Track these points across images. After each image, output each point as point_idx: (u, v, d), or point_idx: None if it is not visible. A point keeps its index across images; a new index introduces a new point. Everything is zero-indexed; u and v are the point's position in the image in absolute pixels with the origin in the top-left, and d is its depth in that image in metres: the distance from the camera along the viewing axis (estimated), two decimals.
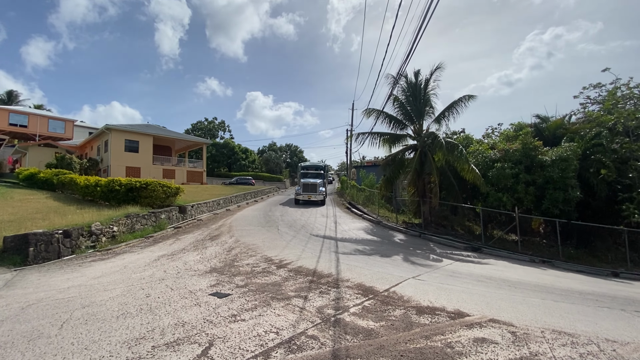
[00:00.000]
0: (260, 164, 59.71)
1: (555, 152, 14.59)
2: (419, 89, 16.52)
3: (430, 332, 3.76)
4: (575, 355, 3.33)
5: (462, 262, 9.57)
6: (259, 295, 5.01)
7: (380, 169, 21.09)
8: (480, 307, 4.82)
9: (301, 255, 8.17)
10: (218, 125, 65.60)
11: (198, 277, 6.16)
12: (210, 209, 17.91)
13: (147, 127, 32.96)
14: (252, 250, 8.66)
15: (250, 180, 40.90)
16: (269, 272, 6.46)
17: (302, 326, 3.85)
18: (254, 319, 4.05)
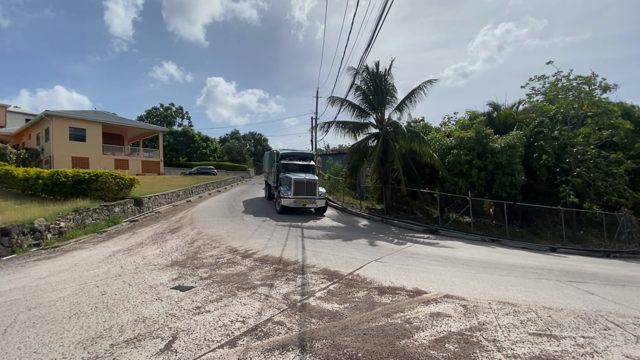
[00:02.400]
0: (223, 153, 57.82)
1: (504, 139, 15.74)
2: (380, 79, 16.83)
3: (391, 311, 3.97)
4: (516, 322, 3.72)
5: (421, 244, 10.14)
6: (224, 286, 4.95)
7: (345, 157, 21.46)
8: (436, 284, 5.18)
9: (267, 244, 8.14)
10: (175, 112, 62.09)
11: (158, 272, 5.93)
12: (170, 201, 17.12)
13: (95, 114, 30.35)
14: (216, 241, 8.47)
15: (212, 169, 39.50)
16: (234, 263, 6.38)
17: (268, 313, 3.88)
18: (219, 310, 4.01)
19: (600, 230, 15.06)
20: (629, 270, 8.89)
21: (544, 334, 3.41)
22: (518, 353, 2.97)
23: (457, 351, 2.97)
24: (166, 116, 60.01)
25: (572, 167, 15.78)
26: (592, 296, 5.05)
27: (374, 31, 7.80)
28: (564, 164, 16.32)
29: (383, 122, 17.01)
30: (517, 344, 3.15)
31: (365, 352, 2.96)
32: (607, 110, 16.05)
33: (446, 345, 3.09)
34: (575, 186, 15.08)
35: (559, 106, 16.82)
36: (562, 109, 16.70)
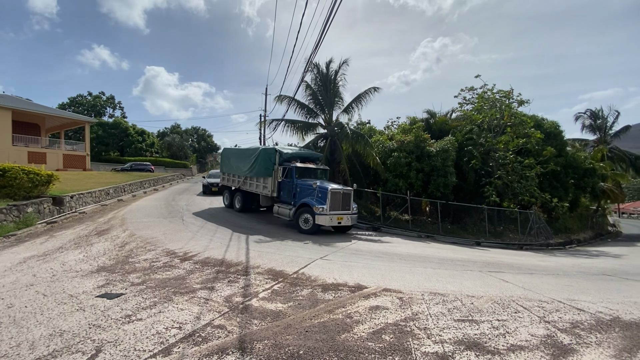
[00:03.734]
0: (162, 148, 53.76)
1: (439, 144, 17.14)
2: (329, 80, 17.18)
3: (333, 307, 4.08)
4: (445, 311, 4.08)
5: (364, 241, 10.57)
6: (160, 292, 4.62)
7: None
8: (377, 279, 5.45)
9: (209, 245, 7.79)
10: (106, 101, 55.98)
11: (81, 279, 5.31)
12: (97, 200, 15.43)
13: (2, 99, 26.01)
14: (151, 244, 7.85)
15: (149, 166, 36.46)
16: (172, 266, 5.98)
17: (207, 317, 3.72)
18: (152, 317, 3.73)
19: (515, 226, 17.22)
20: (537, 260, 10.31)
21: (466, 320, 3.80)
22: (445, 338, 3.26)
23: (392, 341, 3.16)
24: (95, 106, 53.87)
25: (495, 170, 17.79)
26: (506, 284, 5.76)
27: (321, 32, 7.92)
28: (488, 167, 18.32)
29: (331, 123, 17.37)
30: (444, 330, 3.46)
31: (306, 349, 2.99)
32: (523, 121, 18.41)
33: (383, 336, 3.27)
34: (496, 187, 17.02)
35: (484, 116, 18.82)
36: (487, 119, 18.73)
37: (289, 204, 11.96)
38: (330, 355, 2.89)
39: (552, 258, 11.46)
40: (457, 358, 2.87)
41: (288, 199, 12.04)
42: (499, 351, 3.04)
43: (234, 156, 15.15)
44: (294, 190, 11.89)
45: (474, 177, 18.21)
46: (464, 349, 3.06)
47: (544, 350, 3.11)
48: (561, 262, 10.37)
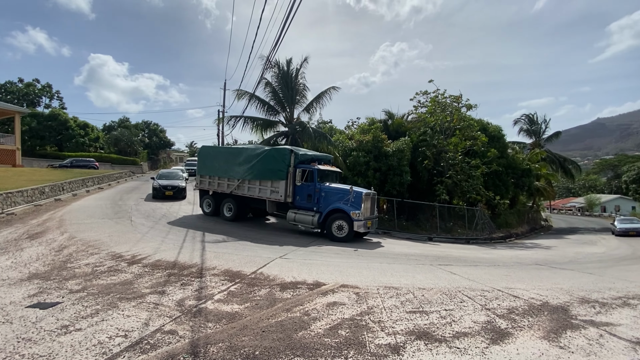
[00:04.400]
0: (108, 143, 49.59)
1: (395, 144, 17.87)
2: (290, 77, 17.09)
3: (291, 305, 4.07)
4: (398, 304, 4.27)
5: (325, 240, 10.69)
6: (103, 298, 4.27)
7: None
8: (335, 276, 5.54)
9: (160, 247, 7.36)
10: (41, 90, 50.28)
11: (8, 288, 4.73)
12: (30, 200, 13.86)
13: None
14: (94, 247, 7.23)
15: (92, 162, 33.43)
16: (118, 271, 5.56)
17: (157, 323, 3.51)
18: (93, 326, 3.43)
19: (463, 221, 18.53)
20: (481, 253, 11.19)
21: (417, 311, 4.01)
22: (397, 330, 3.42)
23: (348, 335, 3.24)
24: (27, 94, 48.16)
25: (445, 170, 18.97)
26: (454, 276, 6.18)
27: (281, 29, 7.84)
28: (440, 167, 19.49)
29: (292, 121, 17.31)
30: (397, 322, 3.62)
31: (262, 349, 2.95)
32: (470, 125, 19.84)
33: (339, 331, 3.34)
34: (447, 186, 18.17)
35: (436, 118, 19.98)
36: (439, 121, 19.90)
37: (309, 210, 11.05)
38: (286, 354, 2.88)
39: (494, 251, 12.51)
40: (407, 348, 3.02)
41: (307, 205, 11.10)
42: (445, 339, 3.25)
43: (222, 156, 13.06)
44: (317, 194, 10.98)
45: (427, 176, 19.26)
46: (414, 338, 3.22)
47: (484, 335, 3.38)
48: (501, 254, 11.36)
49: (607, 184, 68.55)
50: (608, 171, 70.83)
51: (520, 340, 3.31)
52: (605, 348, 3.23)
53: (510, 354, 3.01)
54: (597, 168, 78.65)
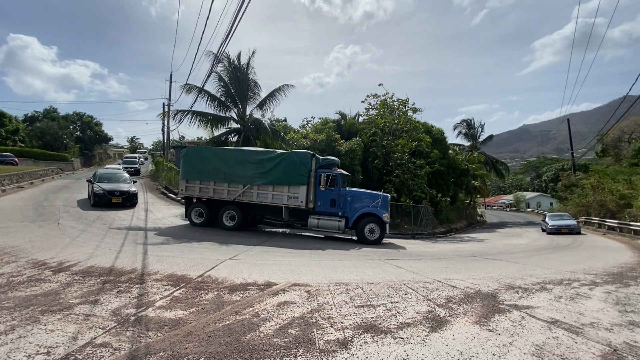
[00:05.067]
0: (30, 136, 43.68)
1: (348, 144, 18.33)
2: (242, 73, 16.61)
3: (240, 307, 3.96)
4: (347, 299, 4.38)
5: (279, 239, 10.59)
6: (21, 312, 3.75)
7: None
8: (286, 275, 5.52)
9: (94, 252, 6.69)
10: None
11: None
12: None
13: None
14: (11, 254, 6.33)
15: (10, 157, 29.13)
16: (40, 280, 4.93)
17: (87, 336, 3.18)
18: (8, 345, 2.99)
19: (410, 218, 19.63)
20: (425, 247, 11.95)
21: (365, 305, 4.16)
22: (346, 325, 3.50)
23: (297, 334, 3.24)
24: None
25: (394, 169, 19.94)
26: (400, 269, 6.52)
27: (233, 22, 7.57)
28: (389, 166, 20.43)
29: (245, 118, 16.85)
30: (346, 317, 3.71)
31: (208, 355, 2.83)
32: (416, 127, 21.10)
33: (289, 330, 3.32)
34: (395, 184, 19.11)
35: (385, 120, 20.92)
36: (388, 123, 20.86)
37: (333, 215, 10.98)
38: (234, 358, 2.79)
39: (436, 244, 13.46)
40: (355, 342, 3.11)
41: (331, 210, 11.03)
42: (390, 330, 3.41)
43: (219, 158, 11.65)
44: (342, 199, 11.04)
45: (377, 175, 20.07)
46: (362, 332, 3.33)
47: (425, 324, 3.62)
48: (443, 247, 12.26)
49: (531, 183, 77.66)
50: (531, 171, 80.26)
51: (456, 327, 3.60)
52: (526, 328, 3.65)
53: (447, 340, 3.26)
54: (523, 169, 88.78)
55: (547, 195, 55.07)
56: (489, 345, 3.16)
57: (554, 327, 3.69)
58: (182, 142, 45.17)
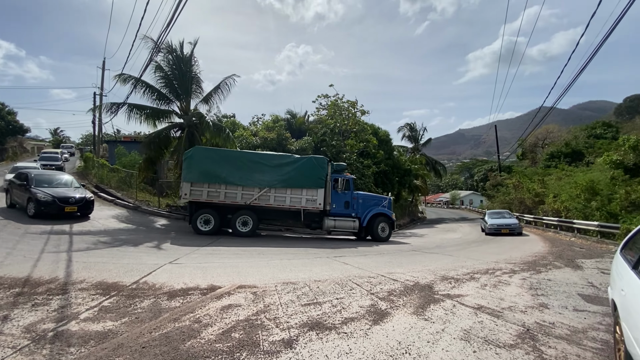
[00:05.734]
0: None
1: (298, 143, 18.35)
2: (186, 64, 15.62)
3: (180, 314, 3.74)
4: (294, 298, 4.38)
5: (227, 238, 10.21)
6: None
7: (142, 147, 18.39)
8: (232, 277, 5.34)
9: (3, 262, 5.79)
10: None
11: None
12: None
13: None
14: None
15: None
16: None
17: None
18: None
19: None
20: (371, 244, 12.46)
21: (312, 303, 4.20)
22: (292, 324, 3.50)
23: (241, 337, 3.15)
24: None
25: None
26: (347, 266, 6.71)
27: (175, 7, 7.09)
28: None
29: (188, 112, 15.90)
30: (292, 317, 3.71)
31: None
32: (364, 129, 21.89)
33: (232, 334, 3.22)
34: None
35: (335, 121, 21.37)
36: (338, 124, 21.34)
37: (347, 217, 11.78)
38: None
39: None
40: (300, 340, 3.13)
41: (344, 212, 11.80)
42: (335, 326, 3.49)
43: (232, 160, 11.24)
44: (354, 202, 11.93)
45: None
46: (307, 330, 3.36)
47: (368, 318, 3.77)
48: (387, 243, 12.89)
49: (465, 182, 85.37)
50: (465, 172, 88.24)
51: (396, 318, 3.81)
52: (456, 315, 4.00)
53: (387, 331, 3.43)
54: (458, 169, 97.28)
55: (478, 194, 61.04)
56: (425, 334, 3.40)
57: (480, 313, 4.11)
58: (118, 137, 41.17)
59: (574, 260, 8.43)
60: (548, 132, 42.72)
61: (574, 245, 12.30)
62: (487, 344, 3.20)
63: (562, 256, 9.20)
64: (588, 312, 4.36)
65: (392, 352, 2.96)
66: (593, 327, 3.80)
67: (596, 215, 14.50)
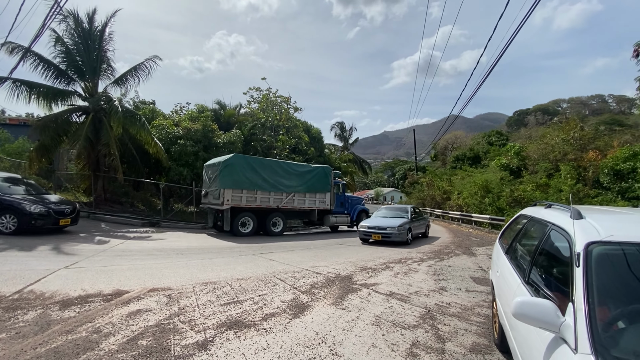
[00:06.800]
0: None
1: (227, 136, 17.55)
2: (94, 38, 13.62)
3: (75, 324, 3.27)
4: (213, 298, 4.21)
5: (137, 239, 9.26)
6: None
7: (33, 132, 15.40)
8: (143, 280, 4.88)
9: None
10: None
11: None
12: None
13: None
14: None
15: None
16: None
17: None
18: None
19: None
20: (299, 240, 12.64)
21: (232, 302, 4.09)
22: (208, 325, 3.36)
23: (149, 344, 2.91)
24: None
25: None
26: (272, 262, 6.69)
27: None
28: None
29: (95, 95, 13.91)
30: (209, 317, 3.56)
31: None
32: (296, 125, 22.00)
33: (139, 342, 2.95)
34: None
35: (268, 115, 21.04)
36: (270, 118, 21.05)
37: (342, 214, 14.94)
38: None
39: (310, 235, 14.42)
40: (216, 341, 3.02)
41: (340, 210, 14.85)
42: (254, 323, 3.47)
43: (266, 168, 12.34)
44: (346, 201, 15.30)
45: None
46: (224, 330, 3.26)
47: (289, 312, 3.83)
48: (315, 238, 13.24)
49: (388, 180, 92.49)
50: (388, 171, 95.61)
51: (315, 310, 3.95)
52: (371, 303, 4.32)
53: (306, 323, 3.54)
54: (382, 168, 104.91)
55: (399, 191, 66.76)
56: (341, 322, 3.60)
57: (391, 299, 4.51)
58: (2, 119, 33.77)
59: (470, 249, 9.83)
60: (456, 137, 48.85)
61: (471, 235, 14.33)
62: (394, 327, 3.53)
63: (462, 245, 10.65)
64: (477, 292, 5.13)
65: (309, 343, 3.06)
66: (479, 305, 4.49)
67: (489, 209, 17.12)
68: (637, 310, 1.51)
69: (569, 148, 17.31)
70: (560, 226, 2.19)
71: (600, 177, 14.84)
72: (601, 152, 16.07)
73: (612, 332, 1.42)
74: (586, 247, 1.67)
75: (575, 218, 2.00)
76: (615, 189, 13.95)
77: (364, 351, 2.95)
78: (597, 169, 15.08)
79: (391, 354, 2.92)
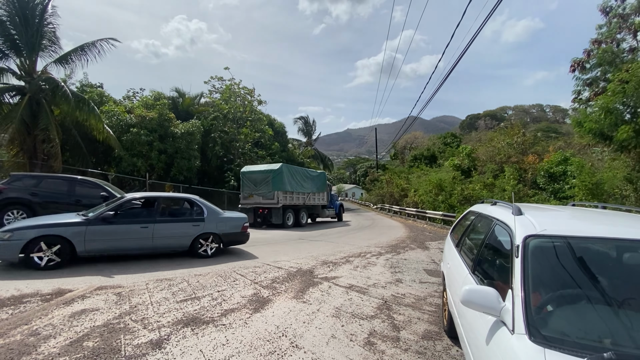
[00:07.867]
0: None
1: (185, 126, 16.73)
2: (34, 10, 12.19)
3: (8, 328, 2.96)
4: (169, 295, 4.03)
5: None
6: None
7: None
8: (90, 278, 4.53)
9: None
10: None
11: None
12: None
13: None
14: None
15: None
16: None
17: None
18: None
19: None
20: (260, 234, 12.47)
21: (189, 299, 3.95)
22: (163, 323, 3.22)
23: (96, 346, 2.72)
24: None
25: (235, 158, 19.77)
26: (331, 243, 6.54)
27: None
28: (231, 155, 20.08)
29: (33, 74, 12.49)
30: (164, 315, 3.41)
31: None
32: (260, 119, 21.59)
33: (84, 343, 2.75)
34: (236, 173, 18.98)
35: (230, 107, 20.38)
36: (233, 110, 20.42)
37: (330, 208, 18.24)
38: None
39: (270, 231, 14.30)
40: (172, 339, 2.91)
41: (329, 205, 18.08)
42: (213, 319, 3.38)
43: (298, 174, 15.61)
44: (331, 198, 18.56)
45: (218, 162, 19.37)
46: (181, 327, 3.15)
47: (249, 307, 3.79)
48: (275, 233, 13.16)
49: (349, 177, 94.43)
50: (350, 168, 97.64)
51: (276, 304, 3.95)
52: (331, 295, 4.41)
53: (267, 317, 3.53)
54: (344, 165, 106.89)
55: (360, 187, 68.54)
56: (302, 315, 3.64)
57: (350, 291, 4.64)
58: None
59: (424, 243, 10.40)
60: (415, 137, 51.13)
61: (426, 230, 15.16)
62: (353, 318, 3.65)
63: (416, 240, 11.23)
64: (429, 283, 5.46)
65: (270, 337, 3.06)
66: (431, 295, 4.79)
67: (441, 206, 18.22)
68: (563, 295, 1.72)
69: (513, 151, 18.95)
70: (503, 221, 2.41)
71: (538, 178, 16.47)
72: (539, 156, 17.84)
73: (542, 314, 1.61)
74: (524, 240, 1.86)
75: (516, 214, 2.21)
76: (549, 190, 15.57)
77: (324, 342, 3.01)
78: (535, 171, 16.71)
79: (350, 343, 3.02)
